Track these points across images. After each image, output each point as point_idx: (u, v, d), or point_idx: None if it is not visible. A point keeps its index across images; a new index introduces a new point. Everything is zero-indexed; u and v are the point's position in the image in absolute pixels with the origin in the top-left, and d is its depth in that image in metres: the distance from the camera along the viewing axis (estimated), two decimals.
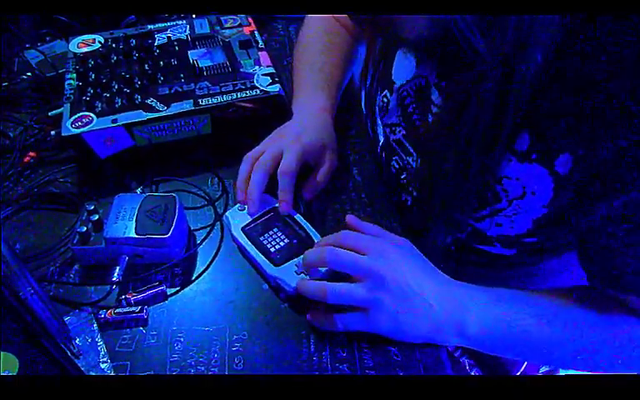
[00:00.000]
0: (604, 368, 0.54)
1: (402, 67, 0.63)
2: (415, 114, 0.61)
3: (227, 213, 0.64)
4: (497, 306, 0.53)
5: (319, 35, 0.79)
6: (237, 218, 0.63)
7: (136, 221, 0.58)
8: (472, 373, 0.58)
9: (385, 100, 0.66)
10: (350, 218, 0.60)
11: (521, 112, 0.45)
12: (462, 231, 0.59)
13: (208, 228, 0.65)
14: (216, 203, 0.67)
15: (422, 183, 0.61)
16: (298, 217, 0.63)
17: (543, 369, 0.76)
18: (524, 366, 0.73)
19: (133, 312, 0.55)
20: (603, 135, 0.43)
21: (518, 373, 0.73)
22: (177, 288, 0.59)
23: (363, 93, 0.71)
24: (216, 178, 0.71)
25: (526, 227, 0.53)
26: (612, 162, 0.44)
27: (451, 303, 0.52)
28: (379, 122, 0.69)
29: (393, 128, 0.65)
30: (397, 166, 0.66)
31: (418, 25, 0.48)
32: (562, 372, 0.82)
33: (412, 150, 0.63)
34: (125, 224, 0.58)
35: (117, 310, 0.55)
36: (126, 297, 0.56)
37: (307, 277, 0.56)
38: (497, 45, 0.43)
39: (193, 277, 0.60)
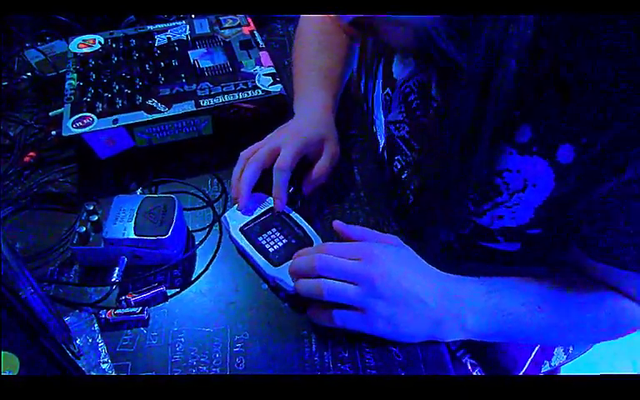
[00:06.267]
0: (587, 340, 0.62)
1: (403, 64, 0.63)
2: (419, 110, 0.61)
3: (225, 214, 0.64)
4: (491, 296, 0.54)
5: (316, 35, 0.79)
6: (236, 219, 0.63)
7: (135, 222, 0.58)
8: (475, 373, 0.58)
9: (388, 98, 0.66)
10: (336, 223, 0.59)
11: (502, 112, 0.47)
12: (464, 227, 0.59)
13: (207, 229, 0.65)
14: (215, 204, 0.67)
15: (422, 179, 0.61)
16: (297, 217, 0.63)
17: (545, 369, 0.76)
18: (526, 366, 0.73)
19: (134, 312, 0.55)
20: (604, 122, 0.44)
21: (520, 373, 0.73)
22: (177, 289, 0.59)
23: (363, 91, 0.72)
24: (216, 179, 0.71)
25: (528, 216, 0.54)
26: (611, 145, 0.44)
27: (446, 298, 0.53)
28: (382, 119, 0.69)
29: (397, 125, 0.65)
30: (399, 165, 0.66)
31: (399, 36, 0.49)
32: (563, 373, 0.83)
33: (416, 146, 0.63)
34: (124, 225, 0.58)
35: (118, 311, 0.55)
36: (126, 298, 0.56)
37: None
38: (472, 55, 0.45)
39: (193, 278, 0.60)
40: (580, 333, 0.59)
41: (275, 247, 0.60)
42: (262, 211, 0.64)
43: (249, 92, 0.72)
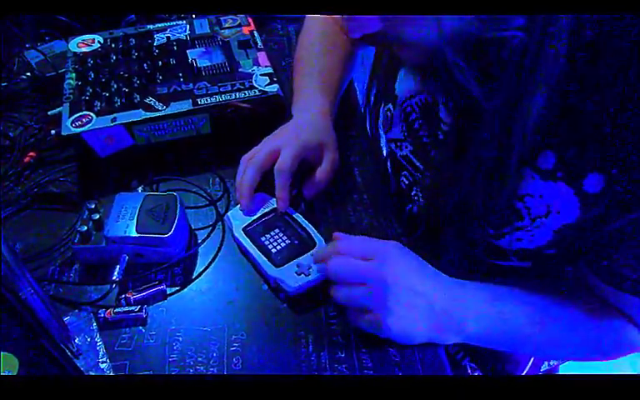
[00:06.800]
0: (585, 357, 0.62)
1: (406, 82, 0.63)
2: (422, 131, 0.61)
3: (228, 213, 0.64)
4: (494, 304, 0.54)
5: (318, 38, 0.78)
6: (239, 219, 0.63)
7: (137, 220, 0.58)
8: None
9: (388, 114, 0.65)
10: (336, 235, 0.58)
11: (528, 141, 0.46)
12: (478, 247, 0.59)
13: (209, 228, 0.65)
14: (217, 203, 0.67)
15: (435, 201, 0.61)
16: (299, 218, 0.63)
17: (543, 368, 0.76)
18: (527, 369, 0.73)
19: (132, 311, 0.55)
20: (637, 151, 0.43)
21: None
22: (177, 288, 0.59)
23: (364, 100, 0.71)
24: (217, 178, 0.71)
25: (546, 239, 0.53)
26: None
27: (450, 302, 0.53)
28: (382, 133, 0.68)
29: (399, 144, 0.64)
30: (406, 181, 0.65)
31: (411, 55, 0.49)
32: (562, 372, 0.83)
33: (420, 166, 0.63)
34: (126, 223, 0.58)
35: (117, 309, 0.55)
36: (125, 297, 0.56)
37: (308, 275, 0.56)
38: (494, 96, 0.44)
39: (193, 277, 0.60)
40: (579, 350, 0.59)
41: (277, 247, 0.60)
42: (266, 211, 0.64)
43: (246, 91, 0.72)
